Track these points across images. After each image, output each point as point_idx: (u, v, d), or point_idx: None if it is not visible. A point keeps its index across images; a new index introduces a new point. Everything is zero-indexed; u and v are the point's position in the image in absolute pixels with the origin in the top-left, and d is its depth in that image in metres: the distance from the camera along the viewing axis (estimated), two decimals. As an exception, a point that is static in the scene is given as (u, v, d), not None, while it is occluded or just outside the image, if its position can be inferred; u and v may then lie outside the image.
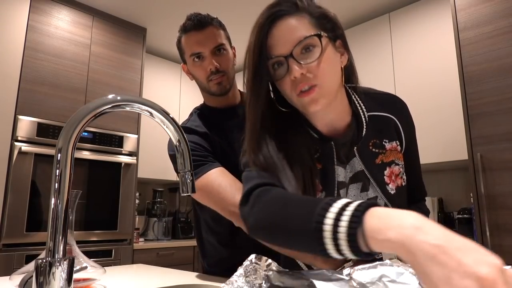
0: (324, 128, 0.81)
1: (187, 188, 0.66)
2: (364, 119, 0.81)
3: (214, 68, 1.10)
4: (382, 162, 0.80)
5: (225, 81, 1.13)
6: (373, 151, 0.80)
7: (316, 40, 0.72)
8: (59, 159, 0.52)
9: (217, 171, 1.02)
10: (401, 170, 0.82)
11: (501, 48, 1.90)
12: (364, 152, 0.80)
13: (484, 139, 1.88)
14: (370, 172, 0.79)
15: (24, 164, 2.33)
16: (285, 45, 0.72)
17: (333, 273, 0.47)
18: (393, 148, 0.82)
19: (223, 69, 1.12)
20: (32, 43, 2.49)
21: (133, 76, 3.03)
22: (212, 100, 1.20)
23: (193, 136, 1.09)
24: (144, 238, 3.31)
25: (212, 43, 1.10)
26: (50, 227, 0.51)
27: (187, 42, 1.13)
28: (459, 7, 2.07)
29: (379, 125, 0.82)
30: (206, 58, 1.10)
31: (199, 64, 1.12)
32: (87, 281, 0.82)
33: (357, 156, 0.80)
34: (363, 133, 0.80)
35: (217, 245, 1.18)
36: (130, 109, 0.60)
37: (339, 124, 0.80)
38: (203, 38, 1.10)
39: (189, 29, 1.11)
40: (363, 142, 0.80)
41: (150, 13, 2.99)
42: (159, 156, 3.23)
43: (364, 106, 0.82)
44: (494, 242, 1.78)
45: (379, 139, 0.81)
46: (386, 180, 0.80)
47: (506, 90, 1.85)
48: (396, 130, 0.83)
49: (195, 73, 1.15)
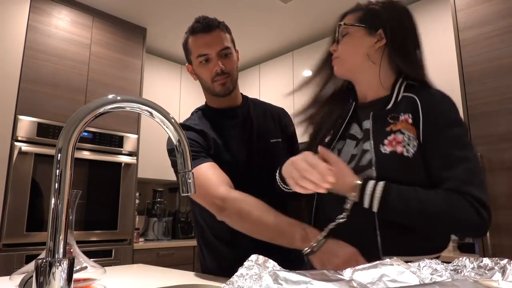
0: (359, 94, 1.03)
1: (187, 188, 0.66)
2: (395, 98, 0.93)
3: (220, 70, 1.14)
4: (391, 130, 0.89)
5: (229, 82, 1.17)
6: (388, 121, 0.91)
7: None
8: (59, 159, 0.52)
9: (207, 165, 1.07)
10: (405, 140, 0.87)
11: (501, 48, 1.90)
12: (379, 119, 0.92)
13: (484, 139, 1.88)
14: (374, 132, 0.91)
15: (24, 164, 2.33)
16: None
17: (333, 273, 0.47)
18: (404, 119, 0.89)
19: (228, 71, 1.16)
20: (32, 43, 2.49)
21: (133, 76, 3.03)
22: (214, 101, 1.24)
23: (190, 133, 1.14)
24: (144, 238, 3.31)
25: (218, 45, 1.15)
26: (50, 227, 0.51)
27: (195, 43, 1.17)
28: (459, 7, 2.07)
29: (407, 104, 0.91)
30: (212, 60, 1.15)
31: (205, 65, 1.16)
32: (87, 281, 0.82)
33: (370, 118, 0.93)
34: (387, 107, 0.93)
35: (217, 244, 1.18)
36: (130, 109, 0.60)
37: (371, 95, 0.99)
38: (210, 41, 1.14)
39: (197, 31, 1.16)
40: (385, 113, 0.92)
41: (150, 13, 2.99)
42: (159, 156, 3.22)
43: (404, 91, 0.94)
44: (494, 242, 1.78)
45: (399, 113, 0.90)
46: (385, 142, 0.88)
47: (506, 90, 1.85)
48: (414, 106, 0.90)
49: (201, 73, 1.18)
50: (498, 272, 0.47)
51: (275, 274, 0.46)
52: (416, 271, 0.49)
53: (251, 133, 1.21)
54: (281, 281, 0.45)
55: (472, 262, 0.50)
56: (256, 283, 0.47)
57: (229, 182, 1.05)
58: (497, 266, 0.48)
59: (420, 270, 0.51)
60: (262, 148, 1.20)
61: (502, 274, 0.46)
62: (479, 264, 0.49)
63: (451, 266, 0.51)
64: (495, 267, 0.48)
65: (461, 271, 0.50)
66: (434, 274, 0.50)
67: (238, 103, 1.26)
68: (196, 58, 1.16)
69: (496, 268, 0.48)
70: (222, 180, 1.04)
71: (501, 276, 0.46)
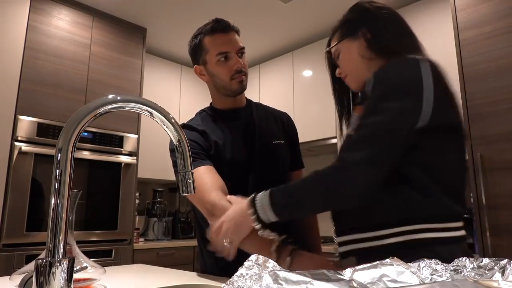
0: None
1: (187, 188, 0.66)
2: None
3: (240, 67, 1.18)
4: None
5: (245, 80, 1.21)
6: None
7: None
8: (59, 159, 0.52)
9: (204, 169, 1.08)
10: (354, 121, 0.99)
11: (500, 48, 1.90)
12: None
13: (484, 139, 1.88)
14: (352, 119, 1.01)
15: (24, 164, 2.33)
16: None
17: (333, 273, 0.47)
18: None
19: (245, 69, 1.21)
20: (32, 43, 2.49)
21: (133, 76, 3.03)
22: (221, 102, 1.27)
23: (192, 133, 1.16)
24: (144, 238, 3.31)
25: (237, 45, 1.19)
26: (50, 227, 0.51)
27: (213, 42, 1.19)
28: (459, 7, 2.07)
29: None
30: (232, 58, 1.18)
31: (224, 63, 1.18)
32: (87, 281, 0.82)
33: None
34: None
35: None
36: (130, 109, 0.60)
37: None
38: (229, 40, 1.19)
39: (216, 31, 1.19)
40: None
41: (150, 13, 2.99)
42: (159, 156, 3.23)
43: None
44: (494, 242, 1.78)
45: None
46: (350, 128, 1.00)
47: (506, 90, 1.85)
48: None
49: (219, 71, 1.20)
50: (498, 272, 0.47)
51: (275, 274, 0.46)
52: (416, 271, 0.49)
53: (253, 134, 1.22)
54: (281, 281, 0.45)
55: (472, 262, 0.50)
56: (256, 283, 0.47)
57: (223, 187, 1.06)
58: (497, 266, 0.48)
59: (420, 270, 0.51)
60: (264, 148, 1.21)
61: (502, 274, 0.46)
62: (479, 264, 0.49)
63: (451, 266, 0.51)
64: (495, 267, 0.48)
65: (461, 271, 0.50)
66: (434, 274, 0.50)
67: (243, 105, 1.29)
68: (215, 56, 1.18)
69: (496, 268, 0.48)
70: (216, 185, 1.05)
71: (501, 276, 0.46)
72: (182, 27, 3.17)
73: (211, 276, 1.08)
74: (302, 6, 2.89)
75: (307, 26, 3.17)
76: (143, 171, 3.15)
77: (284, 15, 3.00)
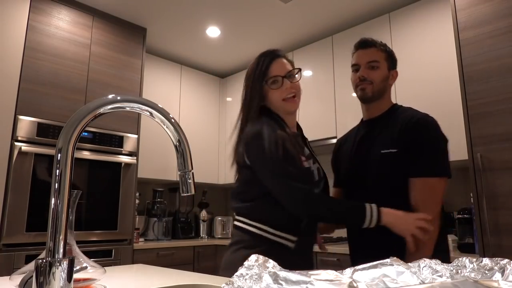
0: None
1: (187, 188, 0.65)
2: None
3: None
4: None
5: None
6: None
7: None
8: (59, 159, 0.52)
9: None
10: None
11: (501, 48, 1.90)
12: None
13: (484, 139, 1.88)
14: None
15: (24, 164, 2.33)
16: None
17: (333, 273, 0.47)
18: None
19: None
20: (32, 43, 2.49)
21: (133, 76, 3.03)
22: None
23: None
24: (144, 238, 3.31)
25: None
26: (50, 227, 0.51)
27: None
28: (459, 7, 2.07)
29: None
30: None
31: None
32: (87, 281, 0.82)
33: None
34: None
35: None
36: (130, 109, 0.60)
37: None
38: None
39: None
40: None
41: (150, 13, 2.99)
42: (159, 156, 3.23)
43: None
44: (494, 242, 1.78)
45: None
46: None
47: (506, 90, 1.85)
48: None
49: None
50: (498, 272, 0.47)
51: (275, 274, 0.46)
52: (416, 271, 0.49)
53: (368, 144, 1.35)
54: (281, 281, 0.45)
55: (472, 262, 0.50)
56: (256, 283, 0.47)
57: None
58: (497, 266, 0.48)
59: (420, 271, 0.51)
60: (372, 159, 1.30)
61: (502, 274, 0.46)
62: (479, 264, 0.49)
63: (451, 266, 0.51)
64: (495, 267, 0.48)
65: (461, 271, 0.50)
66: (434, 275, 0.50)
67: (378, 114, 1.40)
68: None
69: (496, 268, 0.48)
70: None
71: (501, 276, 0.46)
72: (182, 27, 3.17)
73: (211, 276, 1.08)
74: (302, 6, 2.89)
75: (307, 26, 3.17)
76: (143, 171, 3.15)
77: (284, 15, 3.00)
